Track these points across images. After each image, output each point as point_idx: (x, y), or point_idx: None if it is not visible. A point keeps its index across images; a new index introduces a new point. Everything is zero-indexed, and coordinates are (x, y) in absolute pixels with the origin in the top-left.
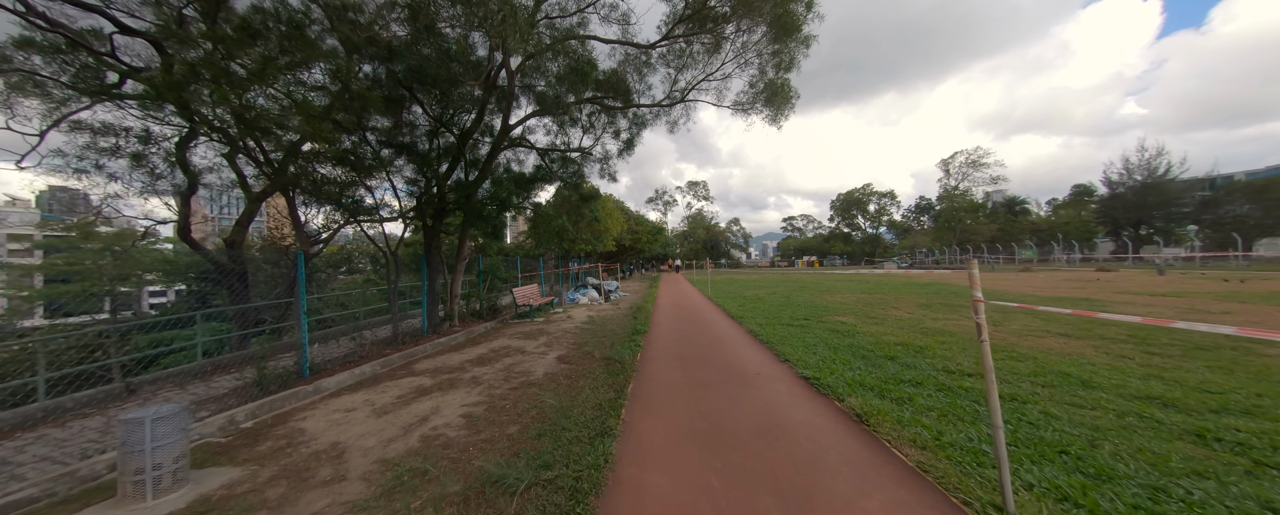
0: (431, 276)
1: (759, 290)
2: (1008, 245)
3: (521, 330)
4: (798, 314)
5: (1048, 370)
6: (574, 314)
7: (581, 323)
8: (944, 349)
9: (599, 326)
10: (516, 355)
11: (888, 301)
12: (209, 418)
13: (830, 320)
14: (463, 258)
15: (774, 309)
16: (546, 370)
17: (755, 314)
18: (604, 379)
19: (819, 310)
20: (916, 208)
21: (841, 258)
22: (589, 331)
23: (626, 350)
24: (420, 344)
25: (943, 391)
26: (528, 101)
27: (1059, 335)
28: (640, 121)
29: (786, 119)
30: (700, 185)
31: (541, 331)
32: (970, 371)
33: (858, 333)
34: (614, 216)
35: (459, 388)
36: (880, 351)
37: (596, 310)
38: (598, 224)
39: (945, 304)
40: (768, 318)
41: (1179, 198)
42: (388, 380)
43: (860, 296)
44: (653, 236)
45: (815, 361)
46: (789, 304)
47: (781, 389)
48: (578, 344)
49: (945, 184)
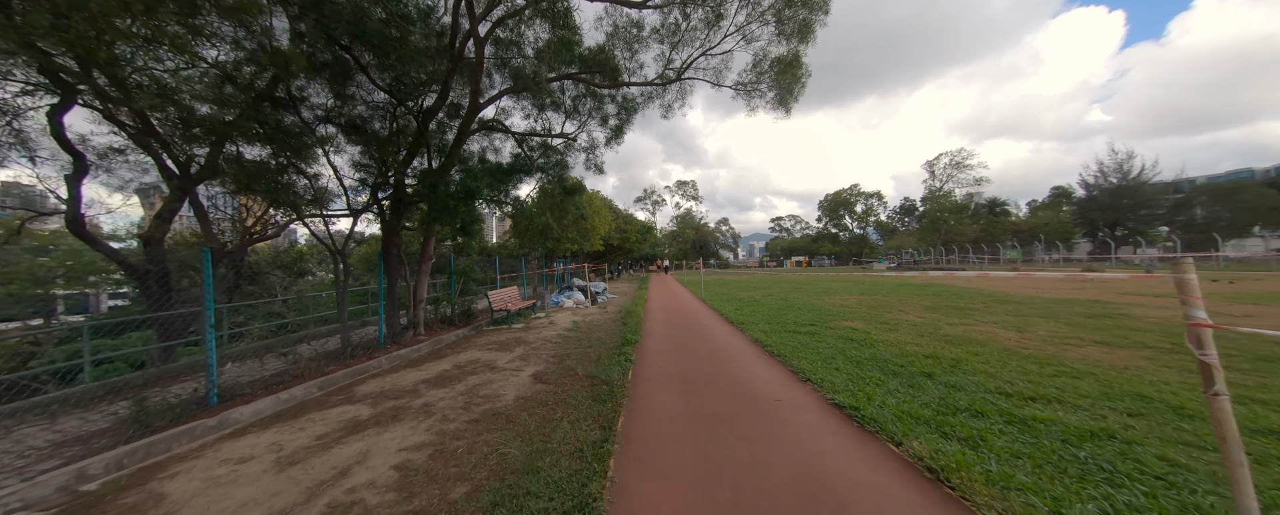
0: (390, 279)
1: (753, 291)
2: (992, 246)
3: (496, 339)
4: (802, 319)
5: (1119, 391)
6: (557, 319)
7: (564, 330)
8: (981, 362)
9: (584, 334)
10: (485, 372)
11: (891, 304)
12: (48, 473)
13: (839, 326)
14: (428, 257)
15: (774, 313)
16: (518, 393)
17: (756, 319)
18: (587, 408)
19: (823, 314)
20: (901, 209)
21: (829, 258)
22: (573, 340)
23: (615, 367)
24: (374, 357)
25: (1017, 426)
26: (501, 78)
27: (1096, 342)
28: (630, 106)
29: (796, 101)
30: (689, 185)
31: (519, 341)
32: (1031, 396)
33: (875, 342)
34: (601, 214)
35: (403, 421)
36: (911, 366)
37: (582, 315)
38: (584, 222)
39: (953, 306)
40: (770, 323)
41: (1152, 200)
42: (316, 409)
43: (861, 298)
44: (641, 236)
45: (842, 382)
46: (789, 307)
47: (813, 424)
48: (559, 357)
49: (930, 185)
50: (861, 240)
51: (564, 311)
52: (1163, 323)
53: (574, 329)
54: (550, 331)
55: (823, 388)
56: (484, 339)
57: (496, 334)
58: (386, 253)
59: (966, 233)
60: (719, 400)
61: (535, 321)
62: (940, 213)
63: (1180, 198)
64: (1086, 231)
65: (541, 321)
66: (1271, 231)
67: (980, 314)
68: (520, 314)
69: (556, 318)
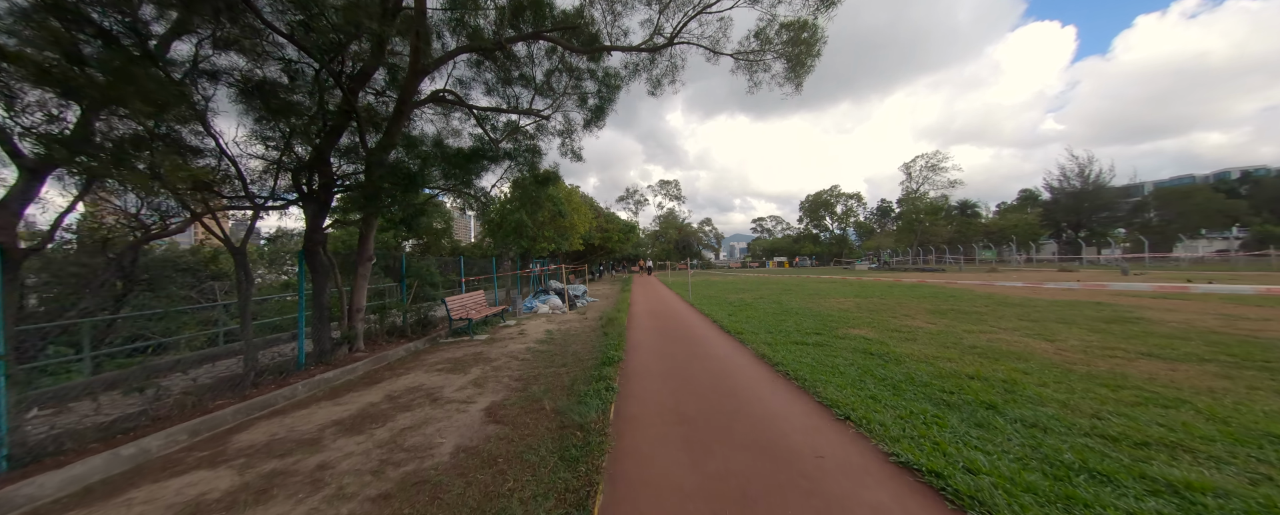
0: (316, 284)
1: (742, 293)
2: (967, 246)
3: (452, 355)
4: (804, 326)
5: (1243, 429)
6: (529, 328)
7: (535, 342)
8: (1040, 385)
9: (558, 348)
10: (423, 406)
11: (892, 307)
12: None
13: (848, 335)
14: (367, 257)
15: (772, 319)
16: (461, 441)
17: (754, 326)
18: (552, 473)
19: (825, 321)
20: (877, 211)
21: (810, 259)
22: (543, 357)
23: (593, 400)
24: (289, 383)
25: (1170, 502)
26: (456, 40)
27: (1144, 355)
28: (612, 82)
29: (809, 73)
30: (671, 184)
31: (478, 358)
32: (1140, 439)
33: (899, 356)
34: (581, 212)
35: (271, 502)
36: (961, 392)
37: (558, 322)
38: (562, 220)
39: (958, 310)
40: (772, 333)
41: (1112, 203)
42: (157, 476)
43: (857, 302)
44: (624, 236)
45: (891, 421)
46: (786, 312)
47: (888, 504)
48: (523, 381)
49: (907, 186)
50: (841, 241)
51: (538, 318)
52: (1188, 327)
53: (547, 341)
54: (518, 344)
55: (871, 432)
56: (437, 355)
57: (454, 348)
58: (309, 252)
59: (941, 234)
60: (738, 458)
61: (503, 331)
62: (916, 214)
63: (1137, 201)
64: (1052, 233)
65: (510, 331)
66: (1217, 233)
67: (992, 319)
68: (486, 322)
69: (528, 326)
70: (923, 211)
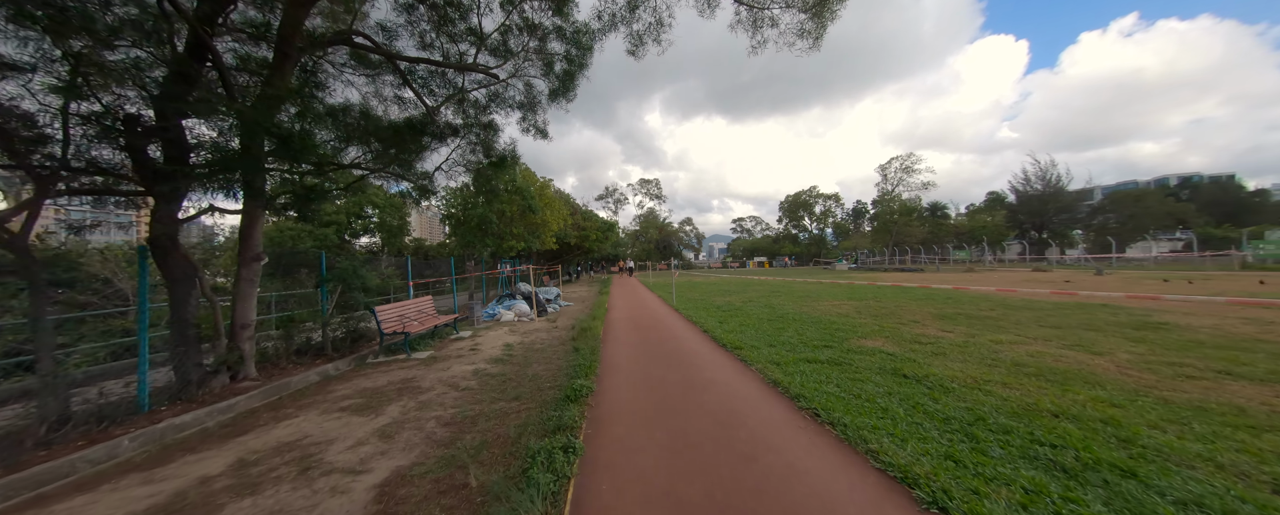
0: (176, 294)
1: (729, 296)
2: (940, 247)
3: (373, 383)
4: (808, 337)
5: None
6: (485, 341)
7: (487, 362)
8: (1148, 425)
9: (515, 370)
10: (284, 482)
11: (894, 312)
12: None
13: (862, 348)
14: (254, 254)
15: (769, 328)
16: None
17: (752, 338)
18: None
19: (829, 330)
20: (852, 212)
21: (790, 259)
22: (492, 386)
23: (542, 474)
24: (111, 437)
25: None
26: None
27: (1222, 373)
28: (583, 40)
29: (835, 20)
30: (652, 183)
31: (406, 387)
32: None
33: (943, 382)
34: (554, 207)
35: None
36: (1066, 443)
37: (522, 332)
38: (533, 216)
39: (969, 316)
40: (774, 346)
41: (1072, 205)
42: None
43: (855, 305)
44: (602, 234)
45: (967, 494)
46: (781, 318)
47: None
48: (452, 429)
49: (883, 187)
50: (820, 241)
51: (499, 328)
52: (1229, 336)
53: (502, 359)
54: (464, 365)
55: None
56: (353, 383)
57: (381, 372)
58: (156, 246)
59: (916, 234)
60: None
61: (452, 346)
62: (891, 215)
63: (1094, 204)
64: (1017, 234)
65: (460, 346)
66: (1164, 235)
67: (1011, 326)
68: (434, 335)
69: (485, 339)
70: (897, 212)
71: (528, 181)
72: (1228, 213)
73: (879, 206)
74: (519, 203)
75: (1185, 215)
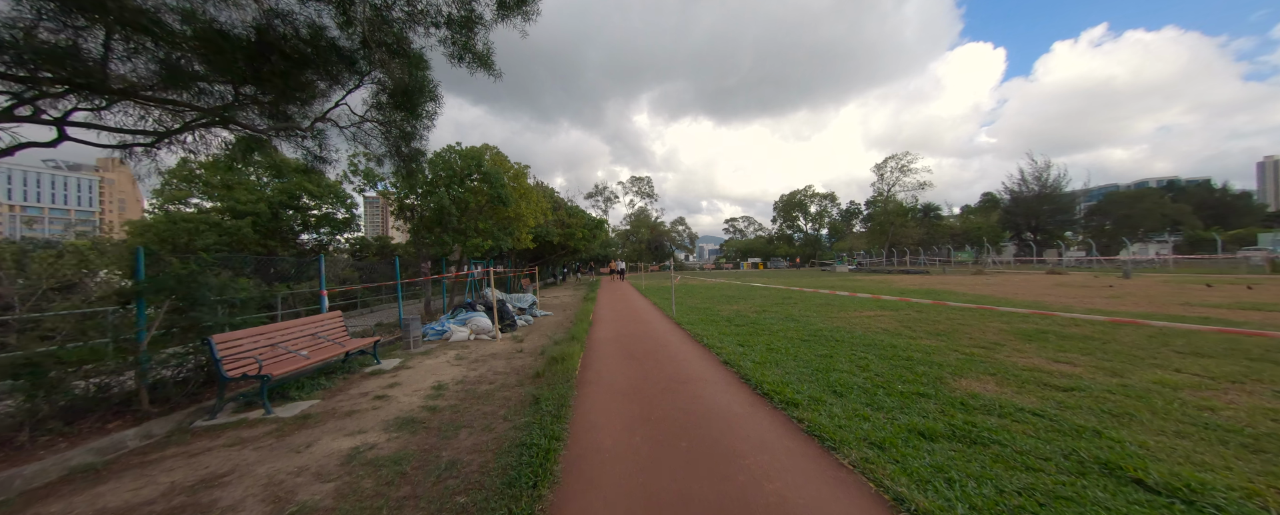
0: None
1: (735, 303)
2: (942, 248)
3: (169, 478)
4: (876, 373)
5: None
6: (409, 380)
7: (385, 430)
8: None
9: (424, 452)
10: None
11: (953, 329)
12: None
13: (975, 398)
14: None
15: (810, 356)
16: None
17: (796, 374)
18: None
19: (898, 361)
20: (845, 213)
21: (785, 260)
22: (367, 492)
23: None
24: None
25: None
26: None
27: None
28: None
29: None
30: (643, 181)
31: (232, 476)
32: None
33: (1212, 492)
34: (530, 198)
35: None
36: None
37: (473, 359)
38: (504, 208)
39: (1059, 334)
40: (837, 391)
41: (1068, 206)
42: None
43: (894, 317)
44: (589, 232)
45: None
46: (816, 338)
47: None
48: None
49: (878, 187)
50: (815, 242)
51: (446, 352)
52: None
53: (415, 421)
54: (342, 439)
55: None
56: (132, 476)
57: (198, 450)
58: None
59: (912, 235)
60: None
61: (360, 385)
62: (887, 215)
63: (1093, 204)
64: (1012, 235)
65: (372, 386)
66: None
67: (1146, 356)
68: (327, 372)
69: (412, 374)
70: (893, 213)
71: (498, 168)
72: (1216, 215)
73: (874, 207)
74: (486, 192)
75: (1181, 216)
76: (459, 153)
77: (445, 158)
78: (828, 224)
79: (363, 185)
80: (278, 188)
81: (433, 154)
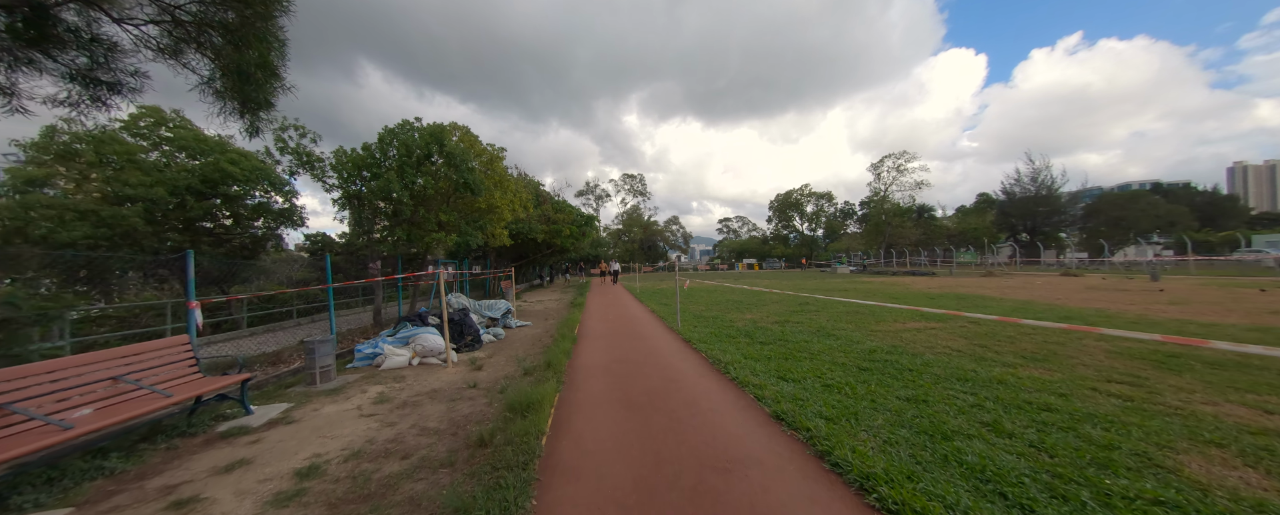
0: None
1: (746, 312)
2: (944, 249)
3: None
4: (1029, 441)
5: None
6: (281, 443)
7: None
8: None
9: None
10: None
11: (1058, 352)
12: None
13: (1226, 488)
14: None
15: (890, 395)
16: None
17: (895, 436)
18: None
19: (1019, 401)
20: (840, 213)
21: (780, 261)
22: None
23: None
24: None
25: None
26: None
27: None
28: None
29: None
30: (636, 178)
31: None
32: None
33: None
34: (506, 186)
35: None
36: None
37: (401, 403)
38: (474, 198)
39: (1217, 361)
40: (974, 477)
41: (1064, 207)
42: None
43: (948, 330)
44: (578, 229)
45: None
46: (883, 368)
47: None
48: None
49: (875, 187)
50: (811, 242)
51: (367, 390)
52: None
53: None
54: None
55: None
56: None
57: None
58: None
59: (909, 235)
60: None
61: (169, 470)
62: (885, 215)
63: (1089, 204)
64: (1008, 236)
65: (199, 470)
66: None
67: None
68: (145, 440)
69: (286, 434)
70: (889, 213)
71: (466, 150)
72: (1207, 217)
73: (870, 207)
74: (451, 178)
75: (1177, 218)
76: (418, 129)
77: (400, 134)
78: (824, 224)
79: (294, 166)
80: (184, 169)
81: (383, 128)
